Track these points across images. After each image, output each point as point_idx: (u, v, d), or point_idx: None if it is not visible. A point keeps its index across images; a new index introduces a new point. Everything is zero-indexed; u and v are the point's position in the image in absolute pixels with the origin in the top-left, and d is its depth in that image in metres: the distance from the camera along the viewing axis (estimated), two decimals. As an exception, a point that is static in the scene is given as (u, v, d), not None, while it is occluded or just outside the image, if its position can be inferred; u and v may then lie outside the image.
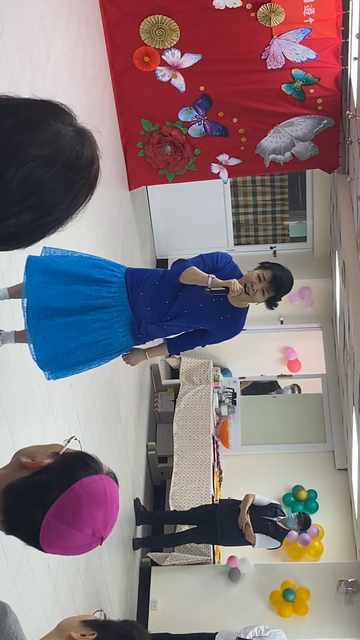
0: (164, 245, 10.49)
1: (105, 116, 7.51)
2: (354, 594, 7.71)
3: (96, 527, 1.71)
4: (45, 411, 4.95)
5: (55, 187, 1.50)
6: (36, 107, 1.54)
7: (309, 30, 7.56)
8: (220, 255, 4.46)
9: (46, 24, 5.45)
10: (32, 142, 1.47)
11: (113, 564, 6.95)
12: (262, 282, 4.33)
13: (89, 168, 1.56)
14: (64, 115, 1.55)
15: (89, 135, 1.58)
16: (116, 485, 1.79)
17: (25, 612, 4.36)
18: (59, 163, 1.49)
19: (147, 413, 9.24)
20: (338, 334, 9.76)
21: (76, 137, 1.54)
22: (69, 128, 1.53)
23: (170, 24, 7.56)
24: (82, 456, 1.76)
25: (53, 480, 1.69)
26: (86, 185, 1.56)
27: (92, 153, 1.57)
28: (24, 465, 1.71)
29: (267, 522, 7.69)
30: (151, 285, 4.35)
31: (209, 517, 7.85)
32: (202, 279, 4.28)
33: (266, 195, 10.24)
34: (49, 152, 1.48)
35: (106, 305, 4.28)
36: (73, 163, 1.52)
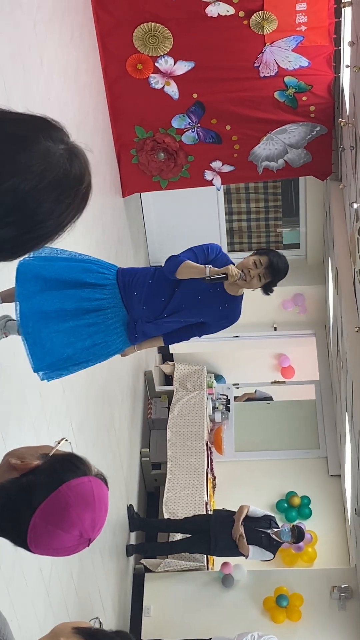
0: (157, 252, 10.50)
1: (98, 123, 7.53)
2: (347, 600, 7.72)
3: (84, 529, 1.72)
4: (38, 417, 4.95)
5: (41, 204, 1.48)
6: (27, 123, 1.52)
7: (302, 37, 7.59)
8: (210, 247, 4.46)
9: (39, 31, 5.47)
10: (20, 158, 1.46)
11: (106, 570, 6.94)
12: (258, 268, 4.36)
13: (77, 187, 1.54)
14: (55, 132, 1.54)
15: (79, 154, 1.56)
16: (105, 487, 1.79)
17: (17, 617, 4.36)
18: (46, 181, 1.48)
19: (140, 419, 9.24)
20: (331, 341, 9.78)
21: (66, 155, 1.52)
22: (59, 145, 1.52)
23: (163, 31, 7.59)
24: (71, 458, 1.77)
25: (41, 481, 1.70)
26: (73, 205, 1.55)
27: (81, 172, 1.55)
28: (13, 466, 1.72)
29: (260, 534, 7.71)
30: (144, 284, 4.34)
31: (203, 527, 7.85)
32: (200, 270, 4.29)
33: (259, 202, 10.26)
34: (37, 169, 1.47)
35: (100, 307, 4.27)
36: (60, 181, 1.50)
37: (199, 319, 4.52)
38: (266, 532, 7.71)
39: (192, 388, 9.69)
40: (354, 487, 7.82)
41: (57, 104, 5.87)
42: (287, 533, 7.66)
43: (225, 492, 9.31)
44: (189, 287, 4.39)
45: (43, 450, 1.77)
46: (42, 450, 1.77)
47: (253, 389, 11.19)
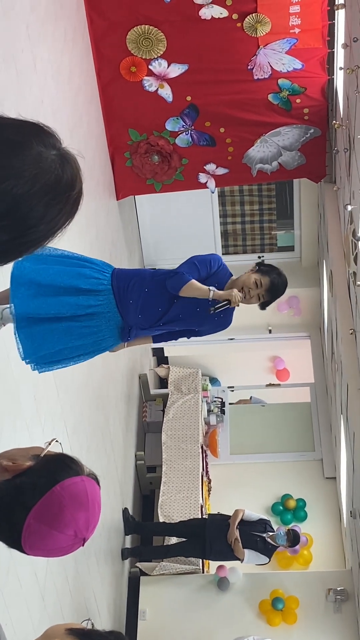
0: (152, 255, 10.50)
1: (92, 126, 7.53)
2: (343, 603, 7.71)
3: (78, 529, 1.72)
4: (32, 420, 4.94)
5: (33, 208, 1.49)
6: (19, 128, 1.53)
7: (295, 40, 7.60)
8: (212, 259, 4.45)
9: (32, 34, 5.46)
10: (13, 162, 1.46)
11: (101, 573, 6.93)
12: (259, 288, 4.37)
13: (68, 193, 1.55)
14: (47, 137, 1.54)
15: (71, 160, 1.57)
16: (98, 487, 1.80)
17: (12, 621, 4.35)
18: (38, 185, 1.48)
19: (135, 423, 9.23)
20: (326, 343, 9.79)
21: (58, 160, 1.53)
22: (51, 151, 1.52)
23: (156, 34, 7.59)
24: (64, 458, 1.77)
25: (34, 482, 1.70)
26: (64, 210, 1.55)
27: (72, 178, 1.56)
28: (5, 468, 1.72)
29: (256, 537, 7.70)
30: (140, 292, 4.30)
31: (198, 531, 7.84)
32: (203, 292, 4.28)
33: (254, 204, 10.27)
34: (29, 174, 1.47)
35: (95, 312, 4.25)
36: (52, 186, 1.51)
37: (195, 328, 4.52)
38: (261, 535, 7.71)
39: (187, 391, 9.69)
40: (349, 489, 7.82)
41: (50, 107, 5.86)
42: (283, 537, 7.65)
43: (220, 495, 9.31)
44: (188, 299, 4.37)
45: (34, 451, 1.77)
46: (33, 452, 1.77)
47: (248, 395, 11.17)
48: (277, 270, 4.49)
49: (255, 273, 4.41)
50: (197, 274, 4.35)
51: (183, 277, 4.30)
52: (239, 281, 4.39)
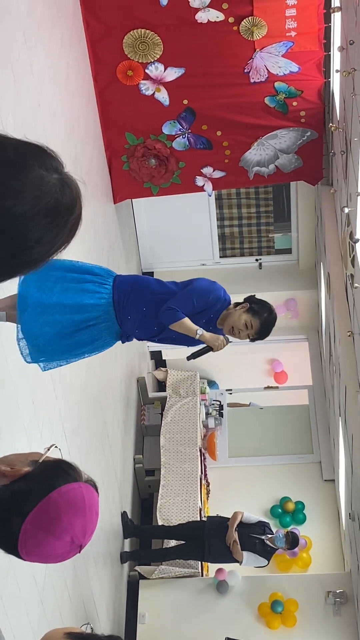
0: (149, 258, 10.50)
1: (89, 130, 7.53)
2: (342, 605, 7.71)
3: (75, 535, 1.72)
4: (31, 425, 4.94)
5: (30, 230, 1.49)
6: (22, 149, 1.53)
7: (292, 43, 7.61)
8: (212, 297, 4.47)
9: (29, 39, 5.47)
10: (13, 183, 1.47)
11: (100, 577, 6.92)
12: (248, 330, 4.44)
13: (66, 217, 1.55)
14: (50, 160, 1.54)
15: (72, 185, 1.57)
16: (96, 493, 1.79)
17: (11, 626, 4.34)
18: (37, 208, 1.48)
19: (134, 426, 9.23)
20: (324, 345, 9.79)
21: (58, 184, 1.53)
22: (53, 175, 1.52)
23: (153, 38, 7.60)
24: (61, 464, 1.77)
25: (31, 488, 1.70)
26: (61, 233, 1.56)
27: (72, 203, 1.56)
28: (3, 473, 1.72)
29: (255, 540, 7.69)
30: (138, 310, 4.38)
31: (197, 534, 7.83)
32: (191, 333, 4.36)
33: (251, 207, 10.28)
34: (29, 196, 1.47)
35: (96, 324, 4.34)
36: (51, 210, 1.51)
37: (189, 345, 4.58)
38: (260, 538, 7.70)
39: (185, 394, 9.68)
40: (347, 491, 7.82)
41: (47, 111, 5.87)
42: (282, 539, 7.65)
43: (219, 498, 9.30)
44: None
45: (32, 457, 1.77)
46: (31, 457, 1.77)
47: (247, 400, 11.16)
48: (267, 308, 4.52)
49: (246, 313, 4.44)
50: (191, 306, 4.39)
51: (176, 315, 4.36)
52: (229, 320, 4.45)
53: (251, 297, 4.59)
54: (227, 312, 4.50)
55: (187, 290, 4.43)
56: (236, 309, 4.48)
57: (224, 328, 4.54)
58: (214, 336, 4.42)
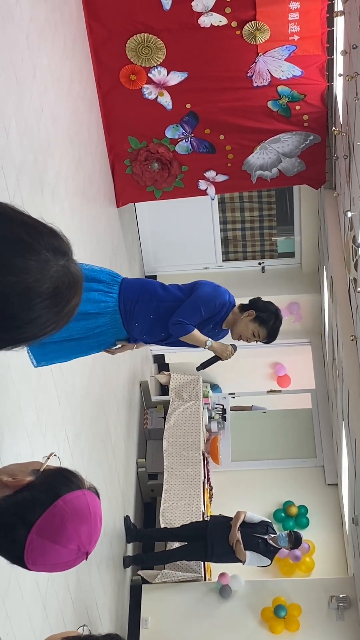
0: (152, 262, 10.50)
1: (92, 134, 7.53)
2: (346, 610, 7.69)
3: (81, 543, 1.72)
4: (33, 430, 4.93)
5: (23, 310, 1.50)
6: (33, 230, 1.53)
7: (294, 47, 7.61)
8: (219, 303, 4.52)
9: (32, 43, 5.47)
10: (17, 261, 1.47)
11: (103, 582, 6.91)
12: (256, 338, 4.56)
13: (62, 305, 1.56)
14: (58, 245, 1.55)
15: (75, 275, 1.58)
16: (98, 500, 1.80)
17: (14, 631, 4.34)
18: (35, 291, 1.49)
19: (136, 430, 9.22)
20: (327, 349, 9.78)
21: (62, 272, 1.54)
22: (59, 261, 1.53)
23: (156, 42, 7.60)
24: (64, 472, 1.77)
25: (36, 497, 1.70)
26: (53, 320, 1.57)
27: (71, 293, 1.57)
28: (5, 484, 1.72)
29: (258, 539, 7.67)
30: (145, 318, 4.42)
31: (200, 534, 7.83)
32: (201, 343, 4.47)
33: (254, 211, 10.27)
34: (30, 278, 1.48)
35: (103, 331, 4.39)
36: (48, 296, 1.52)
37: (196, 348, 4.65)
38: (263, 537, 7.68)
39: (188, 398, 9.68)
40: (351, 496, 7.81)
41: (50, 115, 5.87)
42: (285, 538, 7.63)
43: (222, 502, 9.29)
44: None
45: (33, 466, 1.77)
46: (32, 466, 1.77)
47: (250, 404, 11.16)
48: (274, 314, 4.59)
49: (253, 322, 4.53)
50: (199, 316, 4.46)
51: (186, 328, 4.44)
52: (237, 329, 4.56)
53: (257, 302, 4.61)
54: (234, 316, 4.54)
55: (193, 300, 4.45)
56: (243, 316, 4.51)
57: (232, 335, 4.60)
58: (223, 346, 4.51)
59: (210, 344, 4.47)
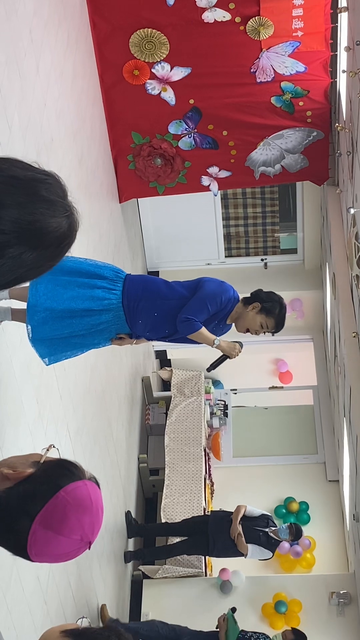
0: (155, 258, 10.50)
1: (95, 129, 7.53)
2: (346, 606, 7.70)
3: (84, 532, 1.73)
4: (35, 425, 4.94)
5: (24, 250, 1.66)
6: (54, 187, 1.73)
7: (298, 43, 7.60)
8: (224, 299, 4.54)
9: (35, 38, 5.47)
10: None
11: (104, 577, 6.93)
12: (264, 329, 4.59)
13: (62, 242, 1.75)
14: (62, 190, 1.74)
15: (75, 222, 1.75)
16: (99, 490, 1.82)
17: (15, 626, 4.35)
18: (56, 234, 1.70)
19: (138, 425, 9.23)
20: (329, 346, 9.78)
21: (66, 222, 1.71)
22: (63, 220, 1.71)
23: (159, 37, 7.59)
24: (64, 463, 1.78)
25: (37, 489, 1.71)
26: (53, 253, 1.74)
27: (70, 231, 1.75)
28: (6, 476, 1.72)
29: (258, 532, 7.68)
30: (149, 315, 4.44)
31: (201, 528, 7.83)
32: (209, 342, 4.49)
33: (257, 207, 10.27)
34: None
35: (106, 328, 4.40)
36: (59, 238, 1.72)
37: (197, 344, 4.68)
38: (264, 530, 7.69)
39: (189, 394, 9.68)
40: (352, 492, 7.81)
41: (53, 110, 5.87)
42: (285, 530, 7.64)
43: (223, 498, 9.30)
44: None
45: (32, 458, 1.78)
46: (31, 458, 1.78)
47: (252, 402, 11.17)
48: (278, 303, 4.62)
49: (260, 314, 4.54)
50: (206, 313, 4.48)
51: (193, 326, 4.46)
52: (244, 322, 4.58)
53: (259, 294, 4.63)
54: (238, 311, 4.54)
55: (200, 297, 4.47)
56: (247, 309, 4.52)
57: (238, 328, 4.61)
58: (230, 345, 4.54)
59: (218, 342, 4.49)
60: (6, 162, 1.68)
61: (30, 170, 1.70)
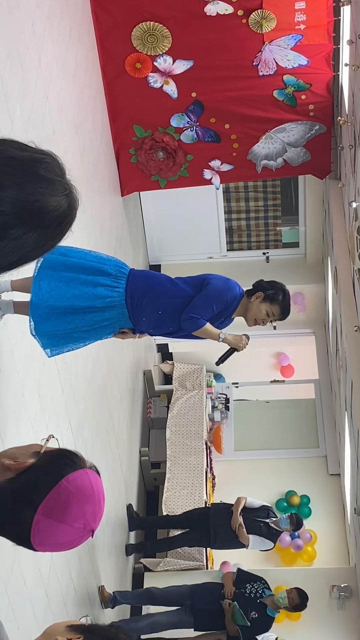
0: (157, 251, 10.49)
1: (97, 122, 7.52)
2: (347, 599, 7.72)
3: (86, 521, 1.75)
4: (37, 418, 4.94)
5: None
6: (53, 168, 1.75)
7: (300, 36, 7.58)
8: (230, 297, 4.56)
9: (37, 31, 5.46)
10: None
11: (106, 570, 6.94)
12: (270, 317, 4.60)
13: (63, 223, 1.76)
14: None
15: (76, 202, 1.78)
16: (100, 478, 1.83)
17: (17, 618, 4.36)
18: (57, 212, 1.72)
19: (140, 419, 9.24)
20: (330, 340, 9.78)
21: (66, 201, 1.73)
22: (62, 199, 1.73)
23: (162, 30, 7.58)
24: (65, 453, 1.79)
25: (39, 478, 1.72)
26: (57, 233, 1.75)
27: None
28: (7, 467, 1.73)
29: (259, 523, 7.69)
30: (153, 313, 4.44)
31: (202, 520, 7.84)
32: (214, 337, 4.52)
33: (259, 201, 10.26)
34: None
35: (109, 324, 4.41)
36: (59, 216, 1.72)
37: (199, 339, 4.69)
38: (265, 521, 7.70)
39: (191, 387, 9.69)
40: (353, 486, 7.82)
41: (55, 103, 5.86)
42: (286, 520, 7.64)
43: (224, 491, 9.31)
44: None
45: (33, 448, 1.80)
46: (32, 449, 1.79)
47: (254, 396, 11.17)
48: (281, 290, 4.63)
49: (264, 302, 4.56)
50: (211, 312, 4.50)
51: (198, 323, 4.47)
52: (250, 313, 4.59)
53: (261, 283, 4.66)
54: (243, 304, 4.55)
55: (205, 296, 4.47)
56: (251, 299, 4.53)
57: (248, 322, 4.62)
58: (237, 337, 4.56)
59: (224, 336, 4.50)
60: (3, 143, 1.69)
61: (27, 151, 1.71)
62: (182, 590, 7.17)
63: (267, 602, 6.92)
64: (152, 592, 7.21)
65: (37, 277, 4.21)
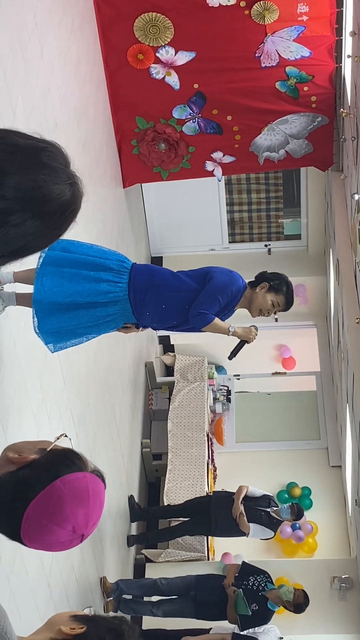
0: (158, 243, 10.49)
1: (99, 114, 7.51)
2: (348, 591, 7.74)
3: (77, 524, 1.72)
4: (39, 410, 4.95)
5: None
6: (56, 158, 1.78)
7: (303, 27, 7.56)
8: (235, 289, 4.57)
9: (39, 22, 5.45)
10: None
11: (107, 561, 6.96)
12: (275, 307, 4.64)
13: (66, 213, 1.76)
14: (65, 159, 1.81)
15: (80, 192, 1.79)
16: (102, 484, 1.79)
17: (19, 608, 4.37)
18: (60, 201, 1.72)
19: (141, 410, 9.25)
20: (332, 332, 9.78)
21: (69, 190, 1.74)
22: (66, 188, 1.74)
23: (164, 21, 7.56)
24: (68, 453, 1.78)
25: (36, 475, 1.71)
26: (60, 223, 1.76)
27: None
28: (11, 460, 1.73)
29: (260, 512, 7.70)
30: (157, 307, 4.45)
31: (203, 509, 7.85)
32: (224, 331, 4.55)
33: (261, 192, 10.25)
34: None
35: (112, 320, 4.42)
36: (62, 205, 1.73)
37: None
38: (266, 510, 7.71)
39: (193, 379, 9.69)
40: (354, 477, 7.84)
41: (57, 94, 5.85)
42: (287, 510, 7.66)
43: (226, 483, 9.31)
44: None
45: (42, 445, 1.78)
46: (40, 445, 1.78)
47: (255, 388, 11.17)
48: (284, 280, 4.66)
49: (269, 293, 4.59)
50: (218, 306, 4.51)
51: (207, 318, 4.49)
52: (255, 304, 4.61)
53: (264, 275, 4.67)
54: (247, 296, 4.57)
55: (210, 290, 4.48)
56: (256, 290, 4.55)
57: (252, 313, 4.64)
58: (246, 329, 4.60)
59: (234, 329, 4.53)
60: (6, 131, 1.69)
61: (31, 139, 1.72)
62: (187, 581, 7.20)
63: (269, 596, 6.94)
64: (158, 586, 7.23)
65: (40, 273, 4.21)
